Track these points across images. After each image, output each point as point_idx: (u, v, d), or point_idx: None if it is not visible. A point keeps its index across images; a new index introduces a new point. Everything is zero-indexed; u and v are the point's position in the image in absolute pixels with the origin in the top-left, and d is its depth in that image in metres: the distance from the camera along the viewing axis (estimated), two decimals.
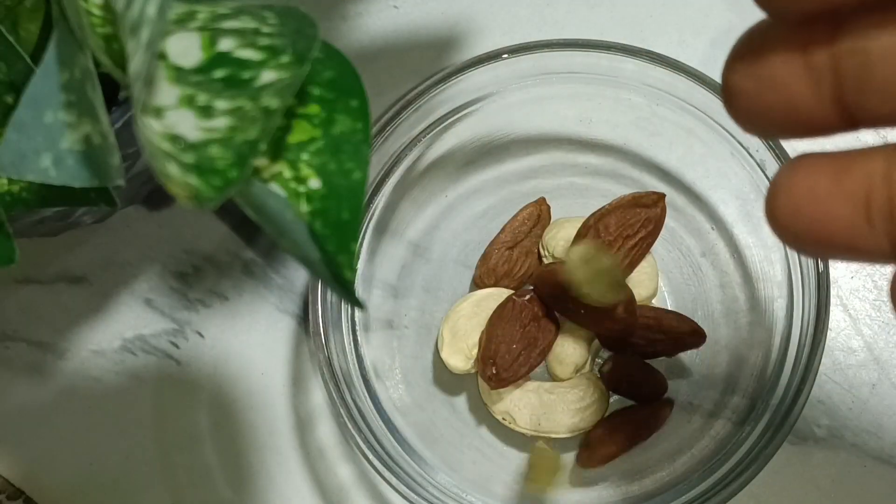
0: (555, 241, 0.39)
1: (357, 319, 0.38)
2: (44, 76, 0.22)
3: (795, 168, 0.17)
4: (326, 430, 0.41)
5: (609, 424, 0.38)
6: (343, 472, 0.41)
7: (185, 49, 0.20)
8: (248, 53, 0.20)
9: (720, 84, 0.18)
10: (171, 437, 0.41)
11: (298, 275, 0.42)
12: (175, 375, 0.42)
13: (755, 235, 0.39)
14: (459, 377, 0.39)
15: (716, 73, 0.36)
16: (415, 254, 0.41)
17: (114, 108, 0.29)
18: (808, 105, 0.17)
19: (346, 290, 0.21)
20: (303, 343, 0.42)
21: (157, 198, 0.43)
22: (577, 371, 0.39)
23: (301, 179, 0.21)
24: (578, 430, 0.38)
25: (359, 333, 0.38)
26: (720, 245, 0.40)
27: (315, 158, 0.22)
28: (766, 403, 0.35)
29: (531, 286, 0.39)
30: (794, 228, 0.17)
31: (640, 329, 0.38)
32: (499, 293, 0.39)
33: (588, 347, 0.39)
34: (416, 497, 0.34)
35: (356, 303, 0.21)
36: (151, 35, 0.18)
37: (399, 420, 0.38)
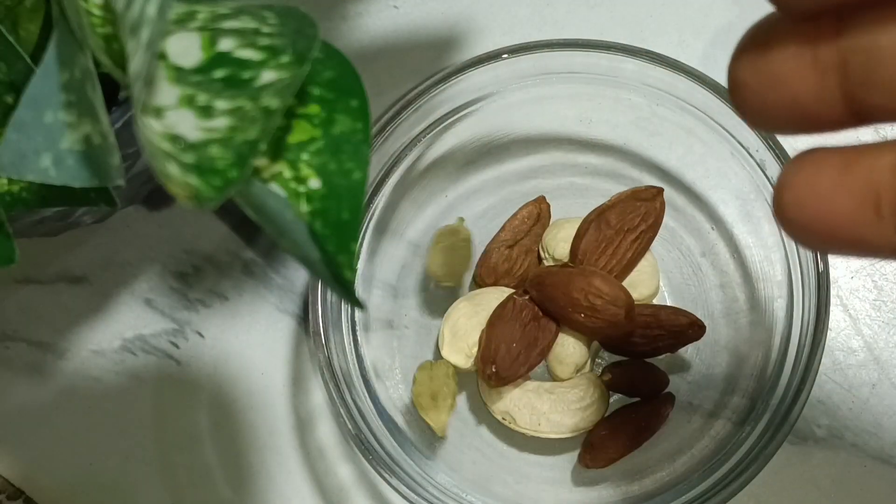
0: (555, 242, 0.39)
1: (357, 319, 0.38)
2: (44, 76, 0.22)
3: (802, 163, 0.17)
4: (326, 430, 0.41)
5: (611, 425, 0.38)
6: (343, 472, 0.41)
7: (185, 49, 0.20)
8: (248, 53, 0.20)
9: (723, 84, 0.17)
10: (171, 437, 0.41)
11: (298, 275, 0.42)
12: (175, 375, 0.42)
13: (755, 235, 0.39)
14: (459, 377, 0.39)
15: (716, 73, 0.36)
16: (415, 254, 0.41)
17: (114, 108, 0.29)
18: (814, 101, 0.17)
19: (346, 290, 0.21)
20: (303, 343, 0.42)
21: (157, 198, 0.43)
22: (577, 371, 0.39)
23: (301, 179, 0.21)
24: (579, 430, 0.38)
25: (359, 333, 0.38)
26: (720, 245, 0.40)
27: (315, 158, 0.22)
28: (766, 403, 0.35)
29: (525, 291, 0.39)
30: (802, 223, 0.16)
31: (640, 328, 0.38)
32: (499, 292, 0.39)
33: (588, 347, 0.39)
34: (416, 497, 0.34)
35: (356, 303, 0.21)
36: (151, 35, 0.18)
37: (399, 420, 0.38)
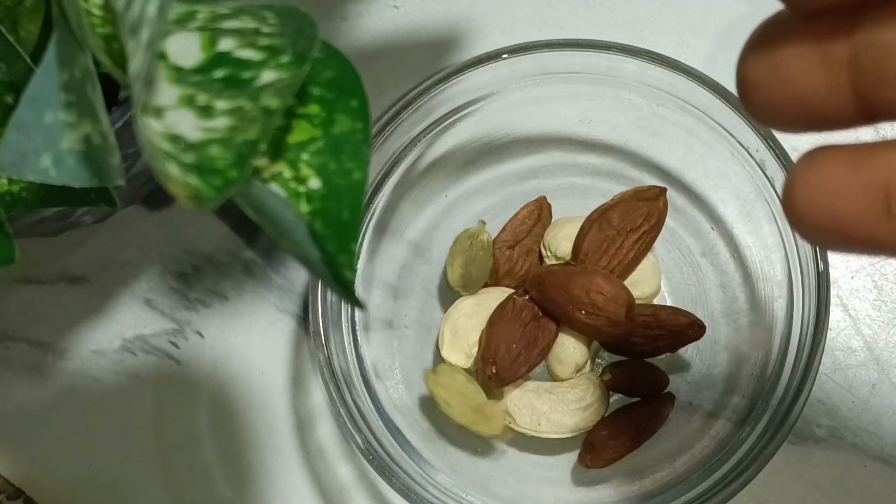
0: (556, 241, 0.39)
1: (357, 319, 0.38)
2: (44, 76, 0.22)
3: (813, 161, 0.17)
4: (326, 430, 0.41)
5: (612, 425, 0.38)
6: (343, 472, 0.41)
7: (185, 49, 0.20)
8: (248, 53, 0.20)
9: (724, 84, 0.17)
10: (171, 437, 0.41)
11: (298, 275, 0.42)
12: (175, 375, 0.42)
13: (755, 235, 0.39)
14: None
15: (716, 73, 0.36)
16: (415, 254, 0.41)
17: (114, 108, 0.29)
18: (824, 98, 0.17)
19: (346, 290, 0.21)
20: (303, 343, 0.42)
21: (157, 198, 0.43)
22: (578, 371, 0.39)
23: (301, 179, 0.21)
24: (579, 430, 0.38)
25: (359, 333, 0.38)
26: (720, 245, 0.40)
27: (315, 158, 0.22)
28: (766, 403, 0.35)
29: (525, 291, 0.39)
30: (812, 221, 0.16)
31: (640, 328, 0.38)
32: (500, 292, 0.39)
33: (588, 347, 0.39)
34: (416, 497, 0.34)
35: (356, 303, 0.21)
36: (151, 35, 0.18)
37: (399, 420, 0.38)
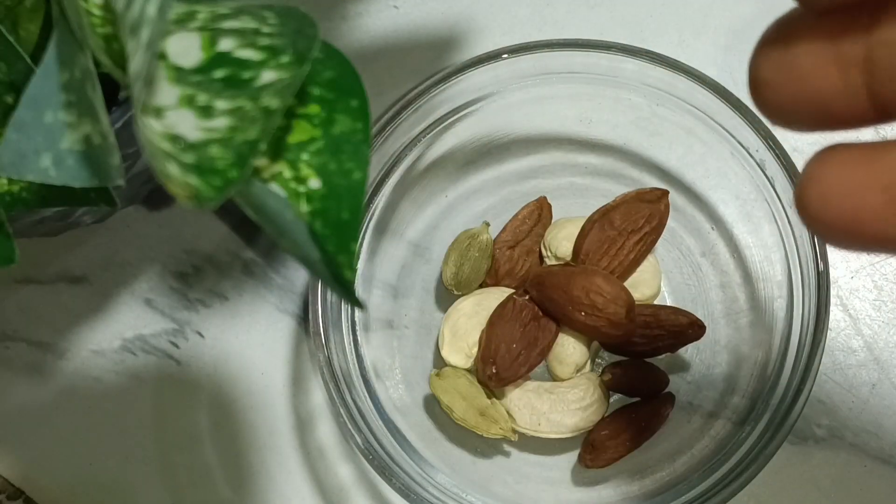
0: (557, 241, 0.39)
1: (357, 319, 0.38)
2: (44, 76, 0.22)
3: (826, 158, 0.16)
4: (326, 430, 0.41)
5: (612, 426, 0.38)
6: (343, 472, 0.41)
7: (185, 49, 0.20)
8: (248, 53, 0.20)
9: (723, 84, 0.17)
10: (171, 437, 0.41)
11: (298, 275, 0.42)
12: (175, 375, 0.42)
13: (755, 235, 0.39)
14: None
15: (716, 74, 0.36)
16: (415, 254, 0.41)
17: (114, 108, 0.29)
18: (838, 97, 0.16)
19: (346, 290, 0.21)
20: (303, 343, 0.42)
21: (157, 198, 0.43)
22: (578, 371, 0.39)
23: (301, 179, 0.21)
24: (579, 430, 0.38)
25: (359, 333, 0.38)
26: (720, 245, 0.40)
27: (315, 158, 0.22)
28: (766, 403, 0.35)
29: (525, 291, 0.39)
30: (826, 219, 0.16)
31: (640, 328, 0.38)
32: (500, 292, 0.39)
33: (588, 347, 0.39)
34: (416, 497, 0.34)
35: (356, 303, 0.21)
36: (151, 35, 0.18)
37: (399, 420, 0.38)
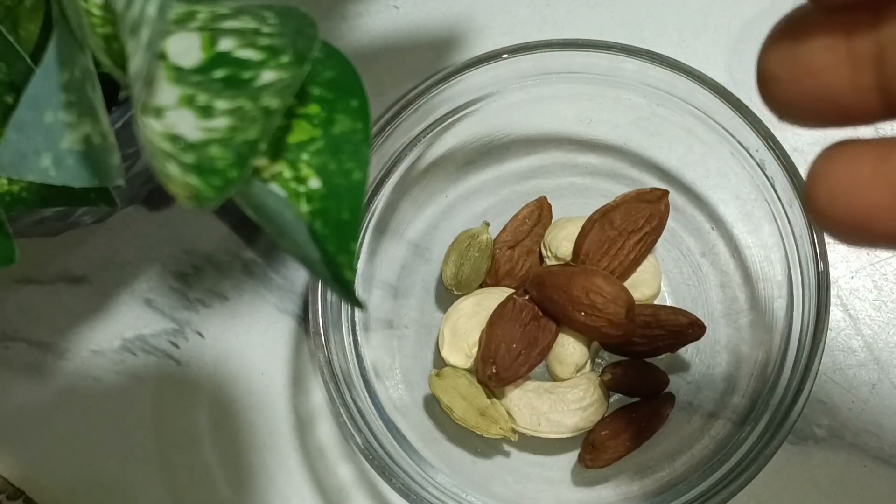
0: (557, 241, 0.39)
1: (357, 319, 0.38)
2: (44, 76, 0.22)
3: (834, 155, 0.16)
4: (326, 430, 0.41)
5: (613, 426, 0.38)
6: (343, 472, 0.41)
7: (185, 49, 0.20)
8: (248, 53, 0.20)
9: (724, 84, 0.17)
10: (171, 437, 0.41)
11: (298, 275, 0.42)
12: (175, 375, 0.42)
13: (755, 235, 0.39)
14: None
15: (716, 74, 0.36)
16: (415, 254, 0.41)
17: (114, 108, 0.29)
18: (848, 93, 0.16)
19: (346, 290, 0.21)
20: (303, 343, 0.42)
21: (157, 198, 0.43)
22: (578, 371, 0.39)
23: (301, 179, 0.21)
24: (579, 430, 0.38)
25: (359, 333, 0.38)
26: (720, 245, 0.40)
27: (315, 158, 0.22)
28: (766, 403, 0.35)
29: (525, 291, 0.39)
30: (835, 216, 0.16)
31: (640, 328, 0.38)
32: (500, 292, 0.39)
33: (588, 347, 0.39)
34: (416, 497, 0.34)
35: (356, 303, 0.21)
36: (151, 35, 0.18)
37: (399, 420, 0.38)
